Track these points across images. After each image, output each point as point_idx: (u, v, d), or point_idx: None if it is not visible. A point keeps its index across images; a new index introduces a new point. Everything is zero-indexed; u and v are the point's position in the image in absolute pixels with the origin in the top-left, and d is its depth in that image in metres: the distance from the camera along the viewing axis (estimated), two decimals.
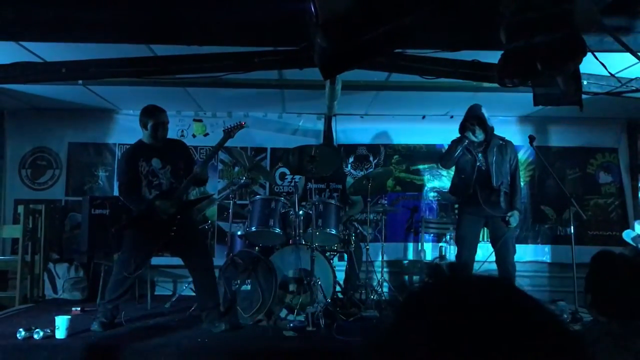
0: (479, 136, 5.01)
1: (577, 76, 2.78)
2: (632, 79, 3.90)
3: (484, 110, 5.01)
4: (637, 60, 3.56)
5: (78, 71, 3.98)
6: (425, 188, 6.92)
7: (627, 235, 3.00)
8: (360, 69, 3.64)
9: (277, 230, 5.05)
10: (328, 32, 2.02)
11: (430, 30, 2.82)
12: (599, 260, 2.11)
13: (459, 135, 5.16)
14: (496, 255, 4.96)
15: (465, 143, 4.98)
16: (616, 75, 4.45)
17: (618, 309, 1.98)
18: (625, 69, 4.49)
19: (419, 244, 6.55)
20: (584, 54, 2.35)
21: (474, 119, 5.00)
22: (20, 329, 3.93)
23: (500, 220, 4.93)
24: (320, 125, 6.78)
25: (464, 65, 3.74)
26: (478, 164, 4.99)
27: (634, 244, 2.89)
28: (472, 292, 0.69)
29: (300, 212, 5.11)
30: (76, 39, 3.82)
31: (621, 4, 3.45)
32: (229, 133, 4.60)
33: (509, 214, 4.93)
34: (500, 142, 5.11)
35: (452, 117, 6.71)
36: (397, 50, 3.75)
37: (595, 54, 3.49)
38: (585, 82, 3.89)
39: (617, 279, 2.04)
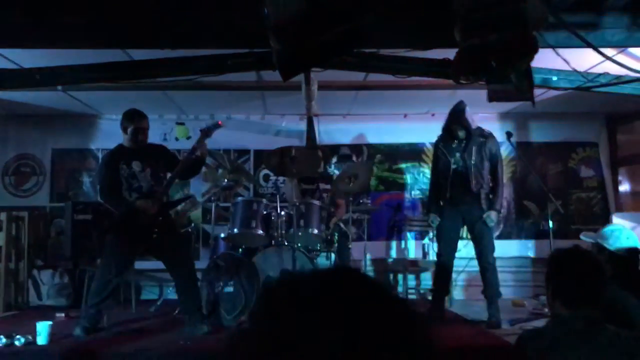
0: (462, 136, 5.00)
1: (529, 73, 2.83)
2: (600, 74, 3.95)
3: (467, 115, 4.98)
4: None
5: (52, 77, 3.99)
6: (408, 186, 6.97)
7: (582, 236, 3.07)
8: (327, 69, 3.67)
9: (260, 231, 5.07)
10: (280, 34, 2.06)
11: (396, 30, 2.86)
12: (557, 257, 2.17)
13: (440, 133, 5.21)
14: (476, 253, 4.97)
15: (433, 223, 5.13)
16: (591, 70, 4.52)
17: (580, 298, 2.03)
18: (599, 64, 4.54)
19: (402, 241, 6.59)
20: (536, 52, 2.40)
21: (458, 124, 4.98)
22: (1, 336, 3.94)
23: (478, 219, 4.89)
24: (302, 126, 6.78)
25: (436, 63, 3.77)
26: (454, 166, 4.94)
27: (592, 240, 2.94)
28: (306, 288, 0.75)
29: (282, 213, 5.14)
30: (49, 45, 3.83)
31: (587, 1, 3.51)
32: (206, 133, 4.61)
33: (485, 215, 4.85)
34: (481, 139, 5.02)
35: (433, 115, 6.75)
36: (370, 50, 3.79)
37: (564, 50, 3.55)
38: (555, 78, 3.94)
39: (576, 269, 2.09)
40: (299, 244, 5.01)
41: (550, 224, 5.31)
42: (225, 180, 5.67)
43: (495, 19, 2.18)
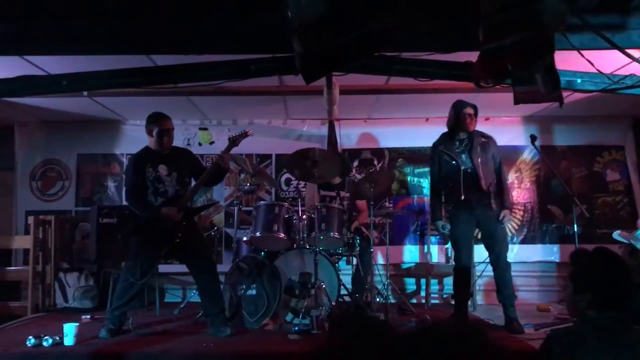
0: (469, 128, 4.91)
1: (554, 73, 2.80)
2: (625, 76, 3.89)
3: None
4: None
5: (78, 83, 4.08)
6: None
7: (615, 235, 3.01)
8: (349, 72, 3.68)
9: (281, 235, 5.10)
10: (302, 37, 2.08)
11: (418, 33, 2.86)
12: (583, 257, 2.13)
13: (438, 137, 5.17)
14: (493, 254, 4.87)
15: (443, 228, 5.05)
16: (616, 72, 4.46)
17: (619, 302, 2.00)
18: (625, 66, 4.48)
19: (425, 246, 6.55)
20: (551, 53, 2.38)
21: (472, 107, 4.90)
22: (30, 337, 4.01)
23: (493, 220, 4.82)
24: (324, 131, 6.81)
25: (457, 66, 3.76)
26: (463, 167, 4.84)
27: (625, 240, 2.89)
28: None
29: (304, 217, 5.15)
30: (77, 52, 3.92)
31: (612, 1, 3.47)
32: (233, 141, 4.67)
33: (501, 215, 4.81)
34: (483, 139, 4.96)
35: None
36: (392, 54, 3.79)
37: (590, 51, 3.51)
38: (579, 80, 3.90)
39: (605, 271, 2.06)
40: (320, 248, 5.02)
41: (576, 228, 5.23)
42: (248, 184, 5.71)
43: (512, 20, 2.18)
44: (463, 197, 4.82)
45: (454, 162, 4.90)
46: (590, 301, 2.04)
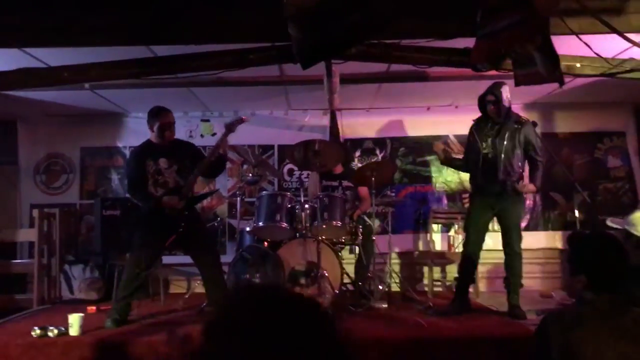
0: (492, 108, 4.75)
1: (552, 54, 2.79)
2: (625, 60, 3.89)
3: (503, 89, 4.70)
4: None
5: (80, 75, 4.10)
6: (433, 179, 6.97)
7: (609, 222, 3.03)
8: (348, 60, 3.68)
9: (284, 224, 5.12)
10: (298, 22, 2.09)
11: (415, 20, 2.87)
12: (580, 239, 2.15)
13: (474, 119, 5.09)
14: (503, 242, 4.90)
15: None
16: (617, 57, 4.44)
17: (616, 283, 2.02)
18: (624, 51, 4.46)
19: (428, 234, 6.58)
20: (541, 35, 2.38)
21: (491, 94, 4.73)
22: (35, 327, 4.05)
23: (507, 208, 4.79)
24: (326, 121, 6.83)
25: (456, 52, 3.76)
26: (485, 151, 4.79)
27: (618, 227, 2.91)
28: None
29: (306, 206, 5.17)
30: (77, 44, 3.93)
31: None
32: (229, 127, 4.66)
33: (521, 185, 4.74)
34: (515, 125, 4.79)
35: (457, 107, 6.72)
36: (391, 41, 3.80)
37: (588, 36, 3.51)
38: (578, 65, 3.90)
39: (601, 252, 2.08)
40: (323, 237, 5.03)
41: (577, 214, 5.23)
42: (250, 175, 5.73)
43: (505, 4, 2.19)
44: (479, 182, 4.86)
45: (478, 145, 4.86)
46: (585, 283, 2.06)
